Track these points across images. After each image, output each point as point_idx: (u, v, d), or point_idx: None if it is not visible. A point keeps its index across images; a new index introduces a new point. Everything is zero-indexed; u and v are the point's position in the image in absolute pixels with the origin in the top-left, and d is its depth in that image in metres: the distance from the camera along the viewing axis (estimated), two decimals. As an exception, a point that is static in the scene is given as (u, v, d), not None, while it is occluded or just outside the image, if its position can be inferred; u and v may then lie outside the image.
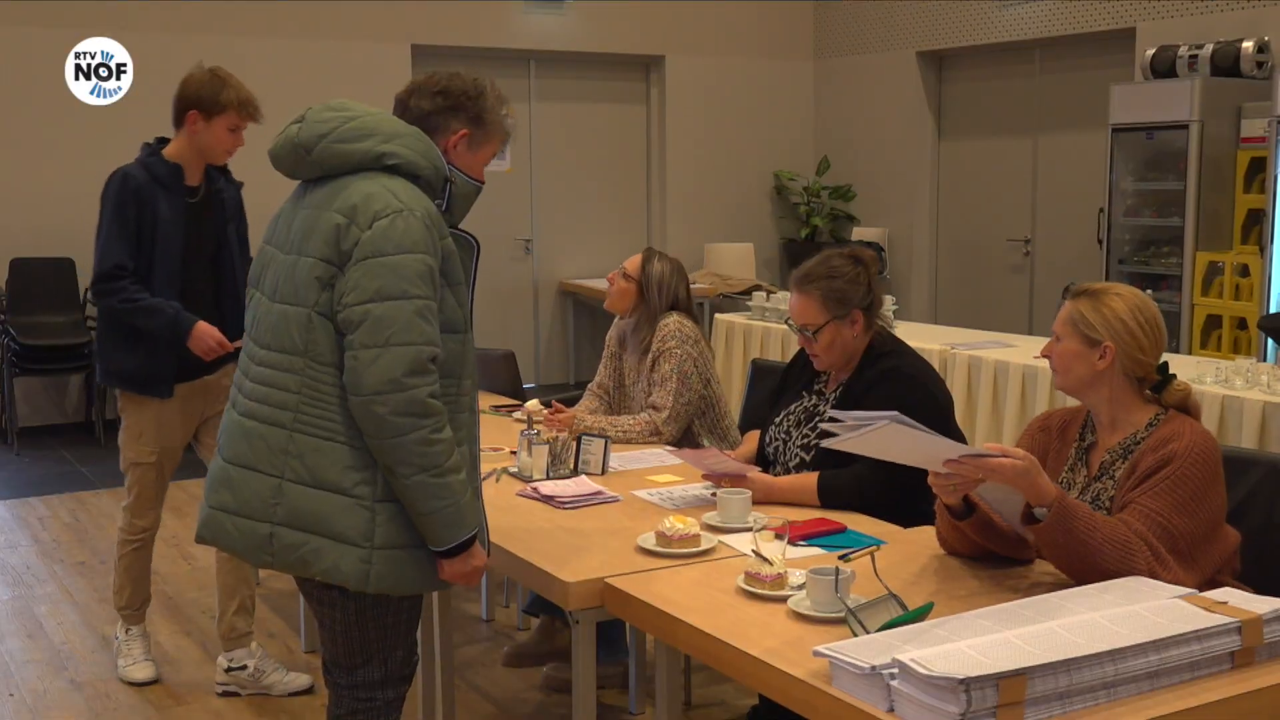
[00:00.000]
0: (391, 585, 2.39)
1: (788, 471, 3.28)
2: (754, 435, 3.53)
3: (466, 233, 2.49)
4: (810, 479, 3.12)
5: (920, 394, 3.13)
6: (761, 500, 3.06)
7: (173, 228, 3.83)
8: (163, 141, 3.92)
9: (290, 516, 2.35)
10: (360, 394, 2.27)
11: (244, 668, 4.00)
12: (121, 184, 3.82)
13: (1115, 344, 2.54)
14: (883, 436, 2.32)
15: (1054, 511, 2.30)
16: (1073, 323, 2.58)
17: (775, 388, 3.56)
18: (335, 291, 2.32)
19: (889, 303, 6.06)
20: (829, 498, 3.08)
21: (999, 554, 2.58)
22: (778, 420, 3.41)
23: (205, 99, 3.79)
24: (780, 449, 3.35)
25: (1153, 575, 2.26)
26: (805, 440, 3.28)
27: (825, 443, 2.55)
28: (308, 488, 2.34)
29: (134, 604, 4.17)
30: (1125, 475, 2.50)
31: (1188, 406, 2.59)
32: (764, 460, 3.41)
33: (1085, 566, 2.31)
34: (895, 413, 2.28)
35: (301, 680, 4.02)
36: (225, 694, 4.02)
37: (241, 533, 2.40)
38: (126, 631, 4.22)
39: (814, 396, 3.35)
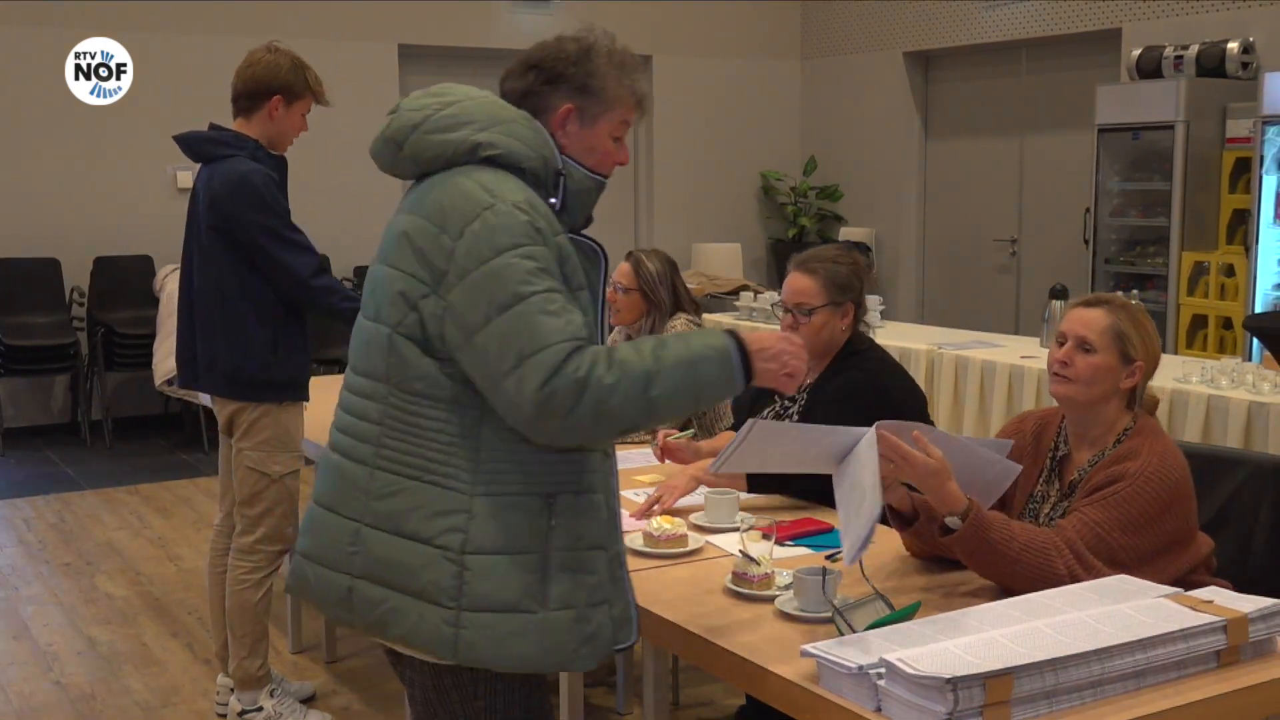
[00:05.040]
0: (486, 656, 1.94)
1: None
2: (727, 435, 3.51)
3: (589, 239, 2.12)
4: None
5: (880, 396, 3.05)
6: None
7: None
8: (221, 129, 3.67)
9: (369, 568, 1.99)
10: (533, 429, 1.93)
11: (259, 709, 3.74)
12: (268, 184, 3.54)
13: (1146, 364, 2.50)
14: (758, 442, 2.22)
15: (969, 523, 2.28)
16: (1117, 336, 2.48)
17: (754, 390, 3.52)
18: (426, 314, 1.96)
19: (875, 303, 6.09)
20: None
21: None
22: None
23: (290, 84, 3.59)
24: None
25: (1074, 580, 2.23)
26: None
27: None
28: (387, 534, 1.98)
29: (263, 653, 3.76)
30: (1081, 489, 2.47)
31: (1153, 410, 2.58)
32: None
33: (1004, 574, 2.31)
34: (753, 420, 2.22)
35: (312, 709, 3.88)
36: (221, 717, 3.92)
37: (320, 583, 2.05)
38: (272, 695, 3.77)
39: (785, 399, 3.32)
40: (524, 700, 2.07)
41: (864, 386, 3.12)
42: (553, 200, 2.07)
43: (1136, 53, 7.61)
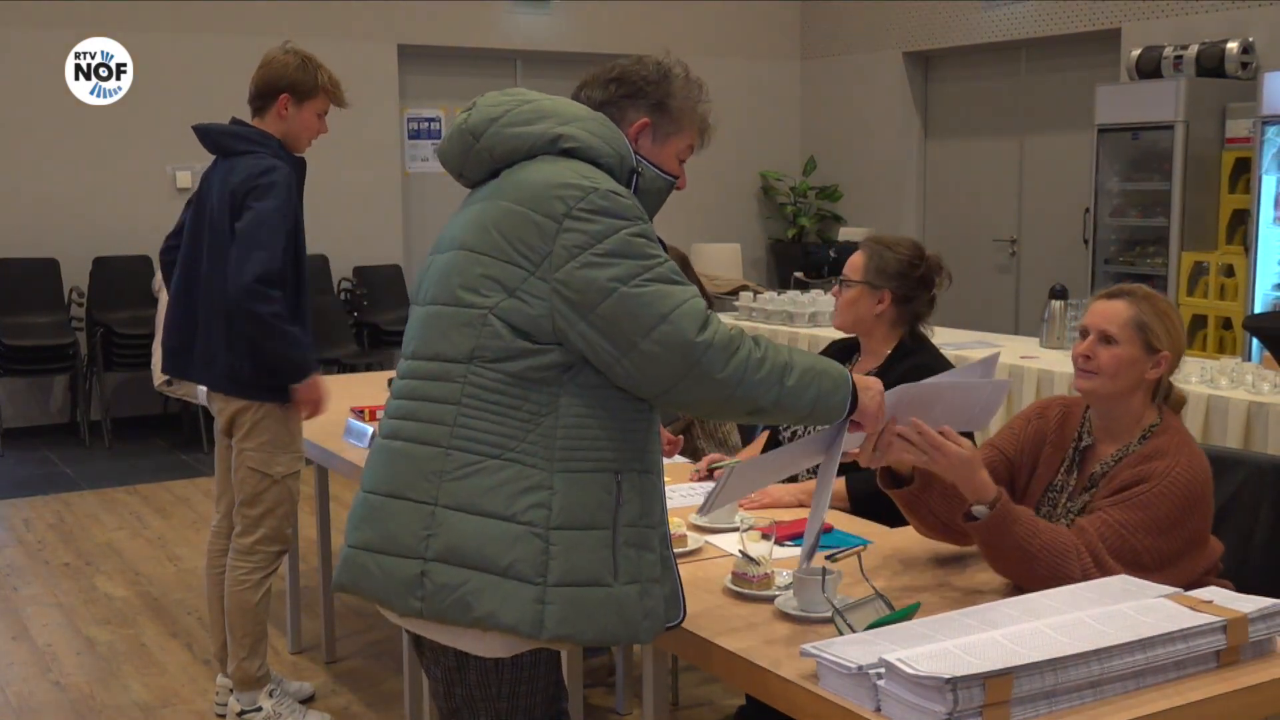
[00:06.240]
0: (573, 629, 1.97)
1: (807, 476, 3.24)
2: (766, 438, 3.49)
3: (659, 238, 2.15)
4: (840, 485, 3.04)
5: None
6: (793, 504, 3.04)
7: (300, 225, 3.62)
8: (244, 124, 3.65)
9: (447, 550, 1.97)
10: (671, 385, 1.99)
11: (259, 709, 3.74)
12: (289, 181, 3.51)
13: (1172, 354, 2.48)
14: (740, 480, 2.26)
15: (995, 513, 2.28)
16: (1139, 326, 2.46)
17: None
18: (528, 295, 1.99)
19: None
20: (860, 502, 3.03)
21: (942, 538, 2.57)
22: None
23: (300, 82, 3.57)
24: None
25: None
26: None
27: (694, 519, 2.67)
28: (468, 514, 1.97)
29: (262, 653, 3.76)
30: (1104, 485, 2.46)
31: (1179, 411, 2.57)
32: None
33: (1018, 568, 2.30)
34: (731, 465, 2.24)
35: (310, 706, 3.90)
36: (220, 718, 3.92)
37: (385, 573, 2.01)
38: (271, 695, 3.77)
39: None
40: (545, 693, 2.12)
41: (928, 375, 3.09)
42: None
43: (1136, 53, 7.62)
